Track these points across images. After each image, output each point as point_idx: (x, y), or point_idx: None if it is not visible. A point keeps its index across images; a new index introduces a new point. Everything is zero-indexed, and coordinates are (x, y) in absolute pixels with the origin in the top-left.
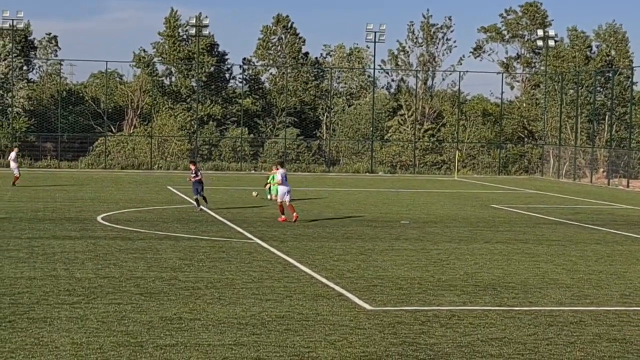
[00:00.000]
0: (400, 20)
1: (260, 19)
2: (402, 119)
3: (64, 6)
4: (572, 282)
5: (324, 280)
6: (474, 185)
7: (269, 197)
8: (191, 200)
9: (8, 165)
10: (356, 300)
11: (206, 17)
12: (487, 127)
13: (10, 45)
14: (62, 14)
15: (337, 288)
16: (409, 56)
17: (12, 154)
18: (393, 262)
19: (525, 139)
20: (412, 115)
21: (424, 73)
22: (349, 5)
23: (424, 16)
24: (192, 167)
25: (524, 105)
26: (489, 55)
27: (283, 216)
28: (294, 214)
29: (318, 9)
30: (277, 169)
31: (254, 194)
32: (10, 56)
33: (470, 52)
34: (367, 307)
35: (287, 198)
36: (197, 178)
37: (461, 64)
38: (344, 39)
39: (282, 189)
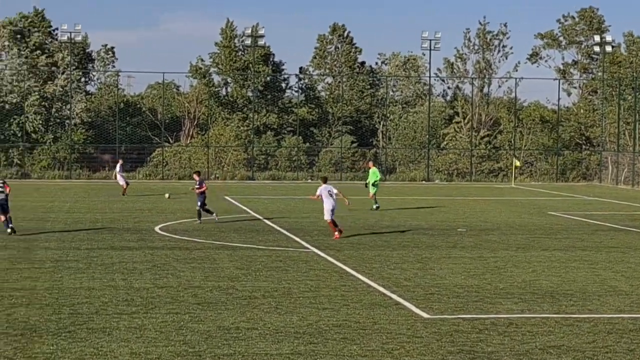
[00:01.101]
0: (455, 28)
1: (316, 29)
2: (458, 127)
3: (121, 18)
4: (631, 290)
5: (381, 289)
6: (531, 193)
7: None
8: (248, 210)
9: (67, 177)
10: (413, 308)
11: (262, 27)
12: (544, 134)
13: (69, 58)
14: (120, 26)
15: (394, 296)
16: (465, 63)
17: (117, 167)
18: (450, 270)
19: (583, 146)
20: (468, 122)
21: (480, 80)
22: (404, 13)
23: (480, 23)
24: (196, 177)
25: (582, 111)
26: (546, 61)
27: (337, 233)
28: (336, 233)
29: (373, 18)
30: (370, 166)
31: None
32: (68, 69)
33: (527, 58)
34: (425, 315)
35: (328, 216)
36: (201, 189)
37: (517, 71)
38: (400, 47)
39: (326, 206)
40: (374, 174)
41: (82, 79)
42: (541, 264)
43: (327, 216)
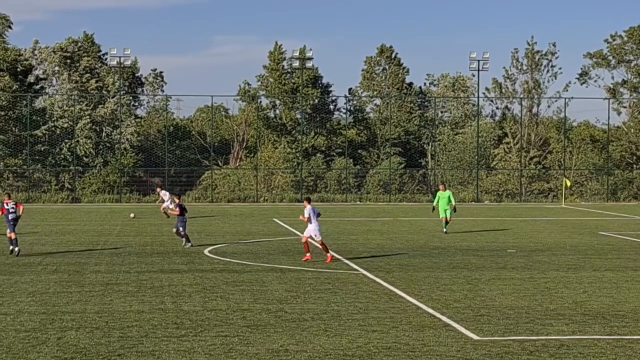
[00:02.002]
0: (503, 48)
1: (364, 50)
2: (507, 147)
3: (170, 43)
4: None
5: (430, 311)
6: (581, 213)
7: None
8: (297, 232)
9: (117, 201)
10: (463, 330)
11: (310, 49)
12: (594, 154)
13: (119, 82)
14: (169, 50)
15: (444, 318)
16: (513, 83)
17: (166, 197)
18: (500, 291)
19: (634, 165)
20: (517, 143)
21: (529, 100)
22: (452, 34)
23: (528, 43)
24: (177, 200)
25: (632, 130)
26: (595, 81)
27: (308, 255)
28: (328, 254)
29: (421, 39)
30: (441, 189)
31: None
32: (118, 93)
33: (576, 78)
34: (474, 337)
35: (316, 236)
36: (177, 212)
37: (567, 91)
38: (448, 68)
39: (310, 226)
40: (442, 197)
41: (132, 103)
42: (592, 284)
43: (308, 234)
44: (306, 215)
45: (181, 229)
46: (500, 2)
